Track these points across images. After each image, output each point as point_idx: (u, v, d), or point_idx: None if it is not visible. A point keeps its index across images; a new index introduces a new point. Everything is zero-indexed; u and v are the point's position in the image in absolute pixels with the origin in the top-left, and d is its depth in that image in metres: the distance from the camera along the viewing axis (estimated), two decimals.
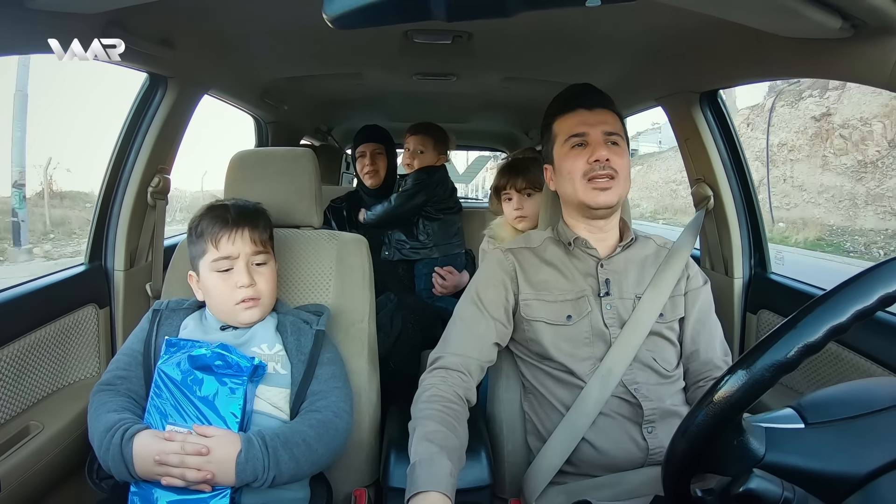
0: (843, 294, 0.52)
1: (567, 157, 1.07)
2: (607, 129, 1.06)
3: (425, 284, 2.03)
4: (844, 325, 0.51)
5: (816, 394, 0.61)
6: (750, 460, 0.54)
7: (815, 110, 13.15)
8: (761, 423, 0.56)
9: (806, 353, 0.51)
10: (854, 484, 0.52)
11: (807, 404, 0.57)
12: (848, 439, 0.54)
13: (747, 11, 0.93)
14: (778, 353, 0.51)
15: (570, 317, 1.06)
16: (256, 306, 1.03)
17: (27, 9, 0.90)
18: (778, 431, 0.56)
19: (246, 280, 1.01)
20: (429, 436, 0.89)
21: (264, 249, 1.05)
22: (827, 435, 0.55)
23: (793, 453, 0.54)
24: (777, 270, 1.56)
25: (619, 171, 1.05)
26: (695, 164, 1.61)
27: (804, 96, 13.52)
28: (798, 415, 0.57)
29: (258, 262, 1.04)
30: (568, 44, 1.58)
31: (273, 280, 1.06)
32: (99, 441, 0.90)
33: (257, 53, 1.70)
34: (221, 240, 1.02)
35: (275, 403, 1.00)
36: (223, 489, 0.89)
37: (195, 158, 10.64)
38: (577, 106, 1.08)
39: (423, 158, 2.10)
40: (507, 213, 1.70)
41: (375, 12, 0.58)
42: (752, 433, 0.55)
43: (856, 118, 12.38)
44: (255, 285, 1.02)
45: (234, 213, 1.04)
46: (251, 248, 1.03)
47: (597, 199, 1.04)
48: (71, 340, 1.34)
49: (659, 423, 1.01)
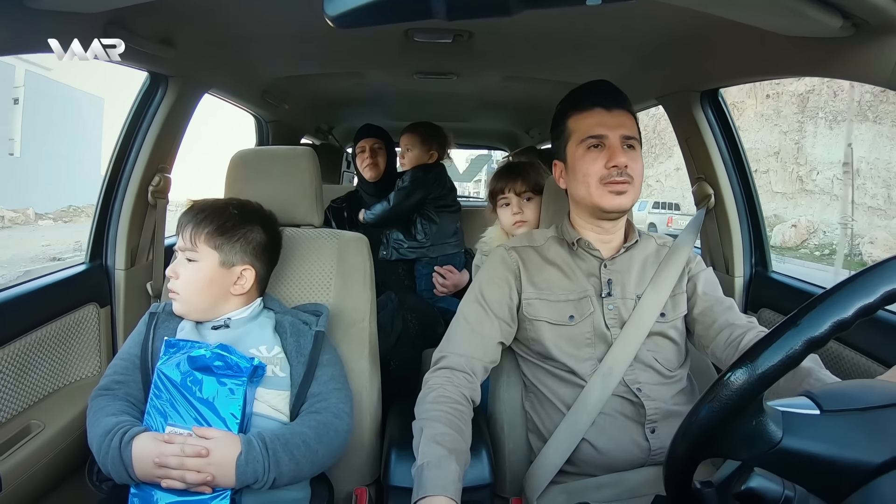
0: (847, 290, 0.52)
1: (583, 158, 1.05)
2: (625, 132, 1.03)
3: (426, 285, 2.03)
4: (848, 320, 0.51)
5: (829, 385, 0.61)
6: (766, 443, 0.53)
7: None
8: (778, 408, 0.56)
9: (811, 347, 0.51)
10: (867, 474, 0.51)
11: (820, 393, 0.57)
12: (863, 428, 0.53)
13: (748, 10, 0.93)
14: (783, 348, 0.51)
15: (572, 317, 1.06)
16: (176, 299, 1.04)
17: (27, 8, 0.90)
18: (795, 416, 0.55)
19: (169, 271, 1.06)
20: (437, 438, 0.88)
21: (191, 247, 1.03)
22: (842, 422, 0.54)
23: (809, 438, 0.54)
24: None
25: (635, 177, 1.03)
26: (696, 163, 1.61)
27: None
28: (813, 402, 0.56)
29: (186, 258, 1.04)
30: (568, 43, 1.57)
31: (193, 281, 1.03)
32: (98, 445, 0.90)
33: (258, 52, 1.70)
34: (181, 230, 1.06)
35: (274, 406, 1.00)
36: (223, 491, 0.89)
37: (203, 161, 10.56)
38: (596, 105, 1.05)
39: (411, 156, 2.11)
40: (505, 220, 1.60)
41: (376, 11, 0.58)
42: (771, 416, 0.54)
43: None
44: (176, 279, 1.04)
45: (189, 207, 1.07)
46: (180, 242, 1.05)
47: (612, 203, 1.03)
48: (72, 339, 1.34)
49: (661, 424, 1.01)
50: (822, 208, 11.81)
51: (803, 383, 0.86)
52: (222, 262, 1.04)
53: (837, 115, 12.33)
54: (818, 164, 12.24)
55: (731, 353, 1.01)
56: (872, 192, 11.43)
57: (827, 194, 11.88)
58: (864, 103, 11.80)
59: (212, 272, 1.03)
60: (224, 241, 1.04)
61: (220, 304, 1.05)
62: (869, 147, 11.60)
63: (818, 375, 0.86)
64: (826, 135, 11.95)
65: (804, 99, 12.32)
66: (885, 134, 11.43)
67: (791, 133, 12.47)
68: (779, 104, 12.97)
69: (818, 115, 12.43)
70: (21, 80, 14.65)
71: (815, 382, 0.85)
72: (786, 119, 12.72)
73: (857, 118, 11.76)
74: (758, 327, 1.03)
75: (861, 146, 11.42)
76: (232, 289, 1.05)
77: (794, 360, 0.51)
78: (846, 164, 10.25)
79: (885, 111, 11.61)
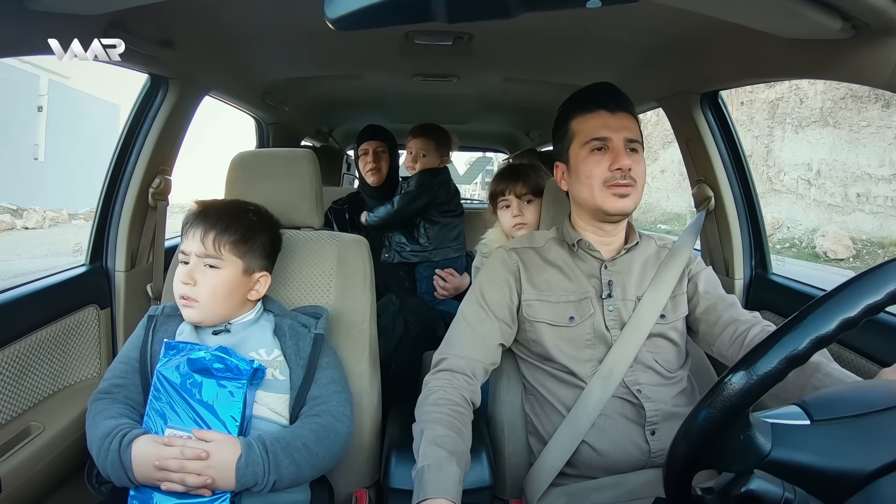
0: (854, 287, 0.52)
1: (587, 161, 1.04)
2: (629, 135, 1.04)
3: (427, 287, 2.02)
4: (854, 319, 0.51)
5: (821, 392, 0.61)
6: (756, 456, 0.54)
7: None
8: (767, 420, 0.56)
9: (818, 344, 0.51)
10: (859, 481, 0.51)
11: (812, 402, 0.57)
12: (854, 436, 0.53)
13: (748, 12, 0.93)
14: (789, 346, 0.51)
15: (572, 318, 1.06)
16: (192, 307, 0.99)
17: (28, 10, 0.90)
18: (784, 427, 0.55)
19: (184, 277, 0.99)
20: (437, 440, 0.88)
21: (215, 254, 1.00)
22: (833, 432, 0.54)
23: (798, 449, 0.54)
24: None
25: (638, 180, 1.03)
26: (696, 165, 1.61)
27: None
28: (803, 412, 0.56)
29: (207, 265, 1.00)
30: (568, 45, 1.58)
31: (215, 289, 1.00)
32: (97, 448, 0.89)
33: (258, 55, 1.70)
34: (187, 234, 1.02)
35: (274, 409, 1.00)
36: (223, 493, 0.89)
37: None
38: (600, 107, 1.05)
39: (425, 161, 2.08)
40: (505, 222, 1.60)
41: (376, 14, 0.58)
42: (759, 428, 0.54)
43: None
44: (192, 285, 0.99)
45: (201, 209, 1.03)
46: (200, 249, 1.00)
47: (616, 205, 1.03)
48: (72, 341, 1.34)
49: (661, 425, 1.01)
50: (788, 206, 12.54)
51: (812, 378, 0.86)
52: (245, 269, 1.03)
53: (802, 120, 13.25)
54: (785, 166, 12.93)
55: (736, 349, 1.01)
56: (831, 190, 12.26)
57: (793, 193, 12.61)
58: (825, 110, 12.75)
59: (235, 280, 1.01)
60: (247, 250, 1.03)
61: (236, 311, 1.04)
62: (829, 150, 12.50)
63: (827, 370, 0.86)
64: (792, 139, 12.55)
65: (774, 106, 12.86)
66: (844, 138, 12.29)
67: (762, 137, 13.24)
68: (752, 111, 13.59)
69: (786, 120, 13.10)
70: (45, 90, 15.20)
71: (824, 378, 0.85)
72: (758, 125, 13.40)
73: (819, 123, 12.71)
74: (762, 321, 1.03)
75: (822, 149, 12.45)
76: (249, 295, 1.04)
77: (792, 363, 0.51)
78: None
79: (843, 117, 12.49)
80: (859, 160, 11.88)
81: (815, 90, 12.75)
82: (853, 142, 12.07)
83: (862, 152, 11.84)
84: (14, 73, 13.26)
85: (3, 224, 11.22)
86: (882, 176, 11.43)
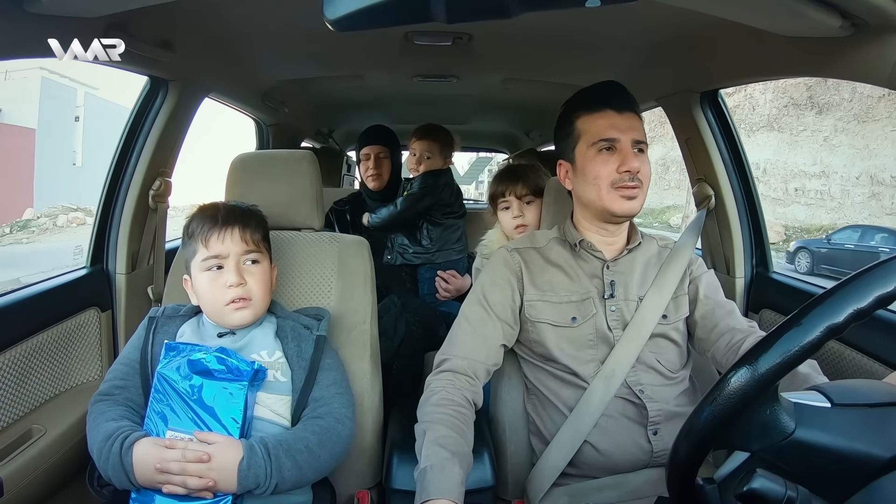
0: (866, 278, 0.52)
1: (594, 161, 1.03)
2: (636, 136, 1.03)
3: (429, 289, 2.02)
4: (865, 310, 0.51)
5: (836, 382, 0.61)
6: (779, 433, 0.53)
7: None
8: (791, 399, 0.56)
9: (829, 334, 0.51)
10: (879, 466, 0.51)
11: (830, 388, 0.57)
12: (873, 423, 0.53)
13: (747, 11, 0.93)
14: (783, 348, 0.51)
15: (574, 318, 1.06)
16: (247, 307, 0.99)
17: (27, 12, 0.90)
18: (807, 407, 0.55)
19: (235, 279, 0.98)
20: (440, 440, 0.88)
21: (256, 248, 1.02)
22: (853, 416, 0.54)
23: (821, 430, 0.54)
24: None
25: (644, 181, 1.03)
26: (696, 164, 1.61)
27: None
28: (823, 395, 0.56)
29: (250, 261, 1.01)
30: (568, 45, 1.58)
31: (265, 281, 1.03)
32: (98, 450, 0.89)
33: (258, 56, 1.71)
34: (211, 238, 0.99)
35: (276, 410, 1.00)
36: (225, 496, 0.88)
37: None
38: (606, 106, 1.04)
39: (430, 164, 2.07)
40: (506, 223, 1.60)
41: (376, 14, 0.58)
42: (784, 406, 0.54)
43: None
44: (245, 285, 0.99)
45: (224, 211, 1.02)
46: (241, 247, 1.00)
47: (623, 207, 1.03)
48: (73, 344, 1.34)
49: (664, 425, 1.01)
50: None
51: (802, 389, 0.86)
52: (270, 260, 1.08)
53: (753, 125, 15.58)
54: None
55: (731, 357, 1.01)
56: (774, 186, 14.63)
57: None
58: (771, 116, 15.23)
59: (269, 271, 1.06)
60: (267, 243, 1.08)
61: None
62: (773, 151, 14.84)
63: (815, 381, 0.86)
64: (746, 142, 14.68)
65: (732, 112, 14.95)
66: (786, 140, 14.68)
67: None
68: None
69: (741, 126, 15.00)
70: (81, 101, 17.16)
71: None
72: None
73: (766, 128, 15.12)
74: (758, 332, 1.03)
75: (768, 150, 14.80)
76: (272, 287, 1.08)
77: (799, 358, 0.51)
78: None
79: (785, 122, 14.91)
80: (797, 160, 14.22)
81: (766, 99, 15.15)
82: (793, 144, 14.43)
83: (799, 153, 14.20)
84: (56, 87, 14.93)
85: (77, 220, 13.47)
86: (814, 173, 13.79)
